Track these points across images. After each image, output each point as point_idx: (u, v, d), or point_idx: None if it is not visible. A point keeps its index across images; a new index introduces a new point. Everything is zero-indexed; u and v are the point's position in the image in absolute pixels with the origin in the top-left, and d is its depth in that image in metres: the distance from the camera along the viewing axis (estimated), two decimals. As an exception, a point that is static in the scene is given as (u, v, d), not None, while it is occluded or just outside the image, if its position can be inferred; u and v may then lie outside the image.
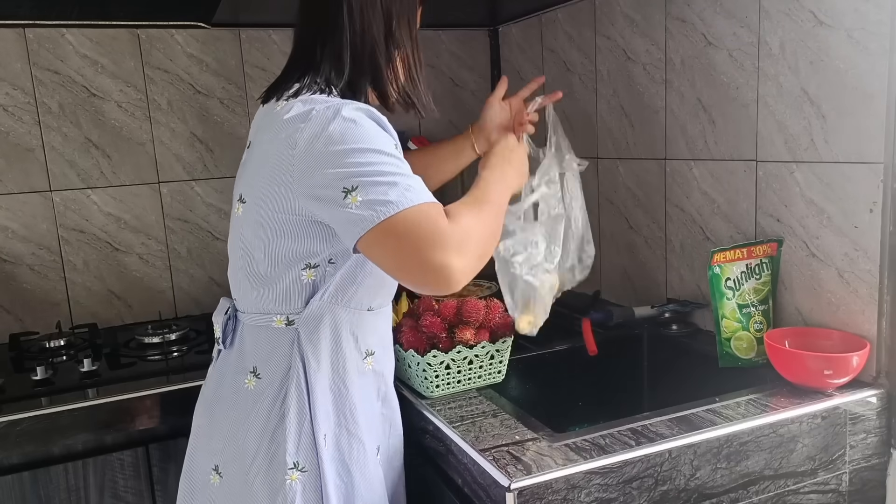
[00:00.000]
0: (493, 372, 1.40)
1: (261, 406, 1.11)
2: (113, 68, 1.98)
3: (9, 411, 1.42)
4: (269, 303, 1.12)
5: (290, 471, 1.09)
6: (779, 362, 1.29)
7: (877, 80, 1.21)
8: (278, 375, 1.11)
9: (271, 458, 1.10)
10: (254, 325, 1.14)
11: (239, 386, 1.14)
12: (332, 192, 0.98)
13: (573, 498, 1.05)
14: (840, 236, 1.31)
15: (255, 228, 1.09)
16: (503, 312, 1.42)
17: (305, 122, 1.01)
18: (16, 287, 1.95)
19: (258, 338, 1.14)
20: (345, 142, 0.98)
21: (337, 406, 1.14)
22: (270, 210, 1.05)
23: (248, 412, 1.11)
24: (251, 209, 1.09)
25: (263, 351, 1.12)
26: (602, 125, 1.94)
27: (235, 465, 1.12)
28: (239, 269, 1.15)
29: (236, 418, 1.13)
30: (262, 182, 1.06)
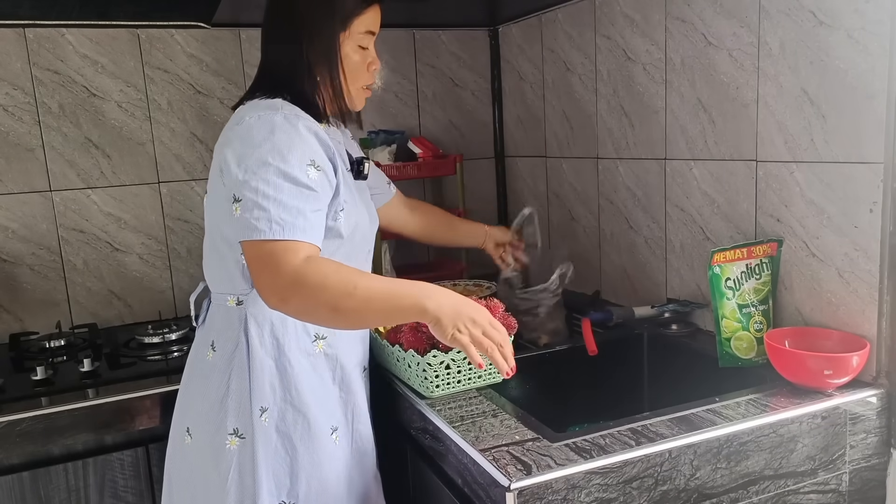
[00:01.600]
0: (493, 372, 1.40)
1: (214, 376, 1.24)
2: (113, 68, 1.98)
3: (9, 411, 1.42)
4: (224, 284, 1.27)
5: (230, 436, 1.21)
6: (779, 362, 1.29)
7: (877, 80, 1.21)
8: (228, 349, 1.24)
9: (218, 423, 1.23)
10: (216, 303, 1.30)
11: (203, 357, 1.28)
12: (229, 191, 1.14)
13: (573, 498, 1.05)
14: (840, 236, 1.31)
15: (212, 214, 1.26)
16: (503, 312, 1.42)
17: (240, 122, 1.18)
18: (16, 287, 1.95)
19: (217, 315, 1.28)
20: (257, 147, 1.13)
21: (283, 382, 1.24)
22: (214, 197, 1.23)
23: (207, 381, 1.25)
24: (211, 198, 1.26)
25: (219, 327, 1.27)
26: (602, 125, 1.94)
27: (198, 428, 1.26)
28: (206, 250, 1.32)
29: (199, 386, 1.27)
30: (215, 175, 1.22)
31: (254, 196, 1.10)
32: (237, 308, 1.25)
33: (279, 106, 1.19)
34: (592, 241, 2.05)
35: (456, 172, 2.25)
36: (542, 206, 2.27)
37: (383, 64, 2.28)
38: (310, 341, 1.28)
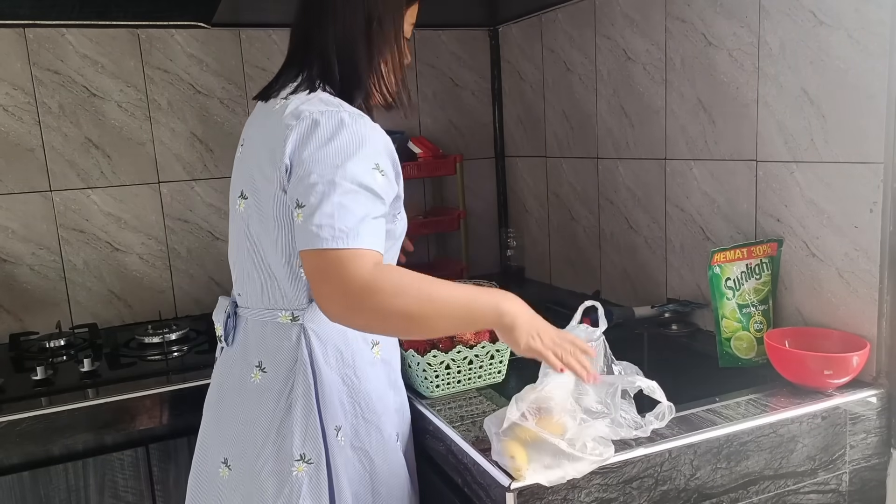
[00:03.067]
0: (493, 372, 1.40)
1: (267, 399, 1.13)
2: (113, 68, 1.98)
3: (9, 411, 1.42)
4: (274, 298, 1.14)
5: (297, 462, 1.11)
6: (779, 362, 1.29)
7: (877, 80, 1.21)
8: (284, 369, 1.13)
9: (278, 450, 1.11)
10: (258, 320, 1.17)
11: (245, 380, 1.16)
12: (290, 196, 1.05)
13: (573, 498, 1.05)
14: (840, 236, 1.31)
15: (258, 222, 1.12)
16: None
17: (298, 117, 1.06)
18: (16, 287, 1.95)
19: (263, 333, 1.16)
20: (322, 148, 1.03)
21: (352, 397, 1.16)
22: (270, 204, 1.09)
23: (255, 405, 1.14)
24: (254, 204, 1.12)
25: (269, 346, 1.15)
26: (602, 125, 1.94)
27: (244, 458, 1.14)
28: (244, 264, 1.18)
29: (243, 412, 1.15)
30: (262, 177, 1.10)
31: (318, 201, 1.01)
32: (292, 325, 1.14)
33: (337, 103, 1.10)
34: (592, 241, 2.05)
35: (456, 172, 2.25)
36: (542, 206, 2.27)
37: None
38: (369, 349, 1.20)
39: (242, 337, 1.19)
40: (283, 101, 1.10)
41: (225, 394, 1.20)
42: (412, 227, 2.21)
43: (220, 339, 1.23)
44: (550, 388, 1.05)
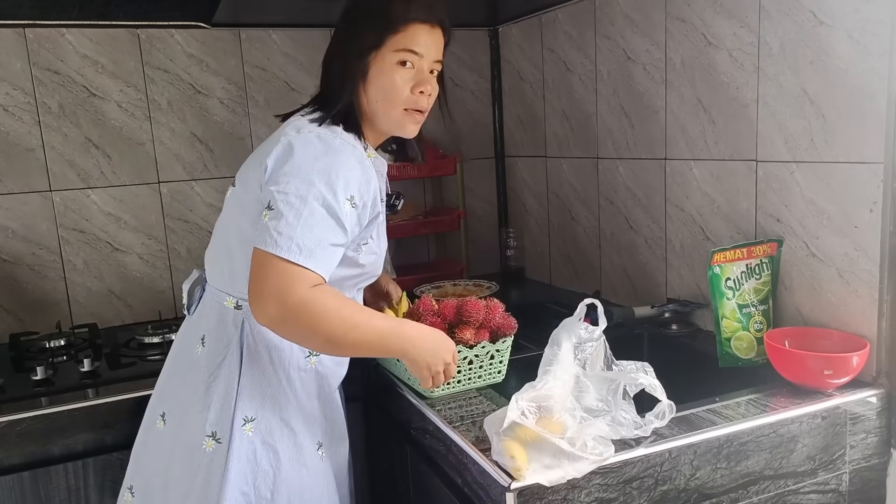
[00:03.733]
0: (493, 372, 1.40)
1: (198, 373, 1.22)
2: (113, 68, 1.98)
3: (9, 411, 1.42)
4: (225, 282, 1.25)
5: (208, 438, 1.19)
6: (779, 362, 1.29)
7: (877, 80, 1.21)
8: (218, 350, 1.22)
9: (195, 421, 1.20)
10: (212, 298, 1.27)
11: (190, 349, 1.26)
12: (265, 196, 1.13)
13: (573, 498, 1.05)
14: (840, 236, 1.31)
15: (236, 209, 1.23)
16: (503, 312, 1.42)
17: (300, 130, 1.17)
18: (16, 287, 1.94)
19: (211, 311, 1.26)
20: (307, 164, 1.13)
21: (273, 395, 1.22)
22: (244, 193, 1.20)
23: (189, 375, 1.24)
24: (239, 192, 1.23)
25: (212, 325, 1.24)
26: (602, 125, 1.94)
27: (173, 418, 1.25)
28: (215, 244, 1.29)
29: (181, 377, 1.26)
30: (249, 170, 1.22)
31: (286, 210, 1.09)
32: (234, 311, 1.23)
33: (339, 132, 1.19)
34: (592, 241, 2.05)
35: (456, 172, 2.25)
36: (542, 207, 2.27)
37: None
38: (303, 357, 1.25)
39: (200, 309, 1.29)
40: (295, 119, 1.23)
41: (176, 356, 1.31)
42: (412, 226, 2.22)
43: (186, 307, 1.32)
44: (550, 387, 1.05)
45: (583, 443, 1.02)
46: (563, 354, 1.11)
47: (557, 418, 1.03)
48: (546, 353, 1.14)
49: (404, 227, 2.19)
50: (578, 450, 1.01)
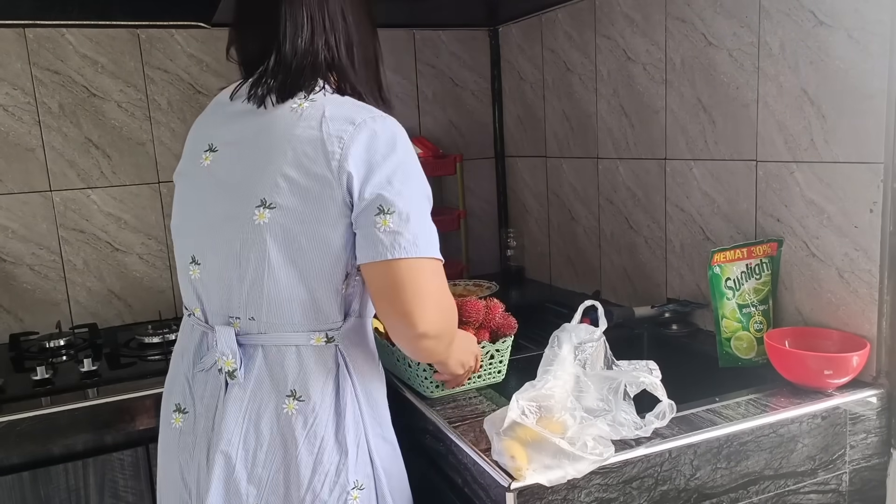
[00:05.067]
0: (493, 372, 1.40)
1: (310, 429, 1.04)
2: (113, 68, 1.98)
3: (9, 411, 1.42)
4: (305, 319, 1.05)
5: (352, 490, 1.06)
6: (779, 362, 1.29)
7: (877, 80, 1.21)
8: (327, 395, 1.06)
9: (331, 480, 1.05)
10: (281, 345, 1.06)
11: (275, 414, 1.05)
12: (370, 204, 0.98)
13: (573, 498, 1.05)
14: (840, 236, 1.31)
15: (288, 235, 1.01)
16: (503, 312, 1.41)
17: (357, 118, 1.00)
18: (16, 287, 1.95)
19: (290, 359, 1.05)
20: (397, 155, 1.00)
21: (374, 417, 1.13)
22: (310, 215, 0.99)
23: (294, 439, 1.04)
24: (284, 213, 1.00)
25: (303, 371, 1.05)
26: (602, 125, 1.94)
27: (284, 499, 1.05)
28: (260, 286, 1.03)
29: (278, 449, 1.04)
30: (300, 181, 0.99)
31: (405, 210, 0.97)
32: (327, 346, 1.06)
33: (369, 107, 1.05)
34: (592, 241, 2.05)
35: (456, 172, 2.25)
36: (542, 207, 2.27)
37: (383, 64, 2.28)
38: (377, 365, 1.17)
39: (260, 366, 1.06)
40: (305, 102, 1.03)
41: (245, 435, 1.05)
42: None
43: (230, 374, 1.05)
44: (551, 386, 1.05)
45: (583, 443, 1.02)
46: (563, 354, 1.11)
47: (558, 418, 1.03)
48: (546, 353, 1.14)
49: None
50: (578, 450, 1.01)
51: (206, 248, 1.07)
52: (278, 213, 1.00)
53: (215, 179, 1.07)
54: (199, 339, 1.12)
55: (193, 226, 1.10)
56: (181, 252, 1.13)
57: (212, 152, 1.08)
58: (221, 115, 1.12)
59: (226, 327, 1.06)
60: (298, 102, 1.03)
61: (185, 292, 1.14)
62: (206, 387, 1.09)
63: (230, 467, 1.04)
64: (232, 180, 1.05)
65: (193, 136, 1.15)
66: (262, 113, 1.05)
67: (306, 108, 1.02)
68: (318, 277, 1.03)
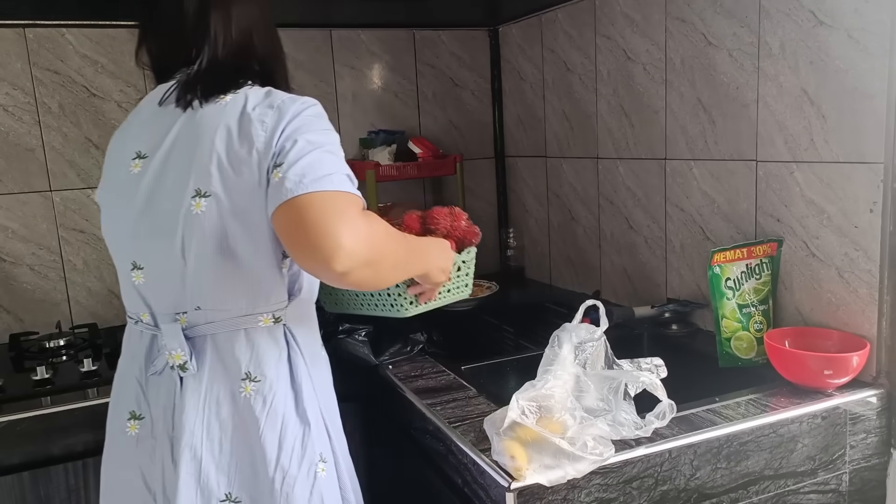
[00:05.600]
0: (460, 285, 1.33)
1: (270, 407, 1.05)
2: (113, 68, 1.98)
3: (9, 411, 1.42)
4: (252, 301, 1.06)
5: (319, 463, 1.08)
6: (779, 362, 1.29)
7: (877, 80, 1.21)
8: (281, 372, 1.07)
9: (297, 455, 1.06)
10: (231, 330, 1.06)
11: (232, 399, 1.06)
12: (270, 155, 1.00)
13: (573, 498, 1.05)
14: (840, 236, 1.31)
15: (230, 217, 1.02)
16: (468, 220, 1.36)
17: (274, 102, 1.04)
18: (16, 287, 1.94)
19: (241, 342, 1.06)
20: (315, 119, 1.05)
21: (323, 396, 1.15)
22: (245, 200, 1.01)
23: (255, 419, 1.05)
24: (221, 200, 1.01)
25: (255, 352, 1.06)
26: (602, 125, 1.94)
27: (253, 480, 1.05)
28: (206, 275, 1.04)
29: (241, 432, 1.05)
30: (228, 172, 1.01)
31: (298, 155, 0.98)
32: (275, 326, 1.08)
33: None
34: (592, 241, 2.05)
35: (456, 172, 2.25)
36: (542, 206, 2.27)
37: (383, 64, 2.29)
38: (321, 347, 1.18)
39: (211, 355, 1.06)
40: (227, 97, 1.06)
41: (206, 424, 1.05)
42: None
43: (182, 368, 1.05)
44: (551, 386, 1.05)
45: (583, 443, 1.02)
46: (563, 354, 1.11)
47: (558, 418, 1.03)
48: (546, 352, 1.13)
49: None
50: (578, 450, 1.01)
51: (147, 251, 1.08)
52: (213, 201, 1.01)
53: (148, 184, 1.07)
54: (148, 343, 1.12)
55: (130, 233, 1.10)
56: (121, 261, 1.13)
57: (141, 159, 1.09)
58: (146, 122, 1.13)
59: (172, 324, 1.07)
60: (222, 97, 1.06)
61: (129, 299, 1.14)
62: (161, 389, 1.09)
63: (197, 460, 1.04)
64: (166, 181, 1.06)
65: (116, 149, 1.17)
66: (189, 114, 1.07)
67: (229, 101, 1.05)
68: (259, 260, 1.04)
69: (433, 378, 1.44)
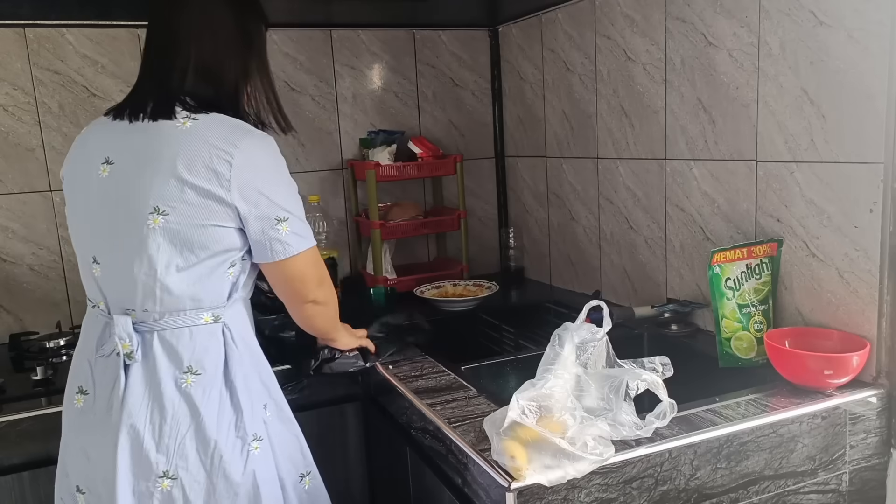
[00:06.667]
0: None
1: (208, 396, 1.17)
2: (113, 68, 1.98)
3: (9, 411, 1.42)
4: (195, 305, 1.19)
5: (252, 441, 1.20)
6: (779, 362, 1.29)
7: (877, 80, 1.21)
8: (219, 366, 1.19)
9: (233, 436, 1.19)
10: (175, 328, 1.18)
11: (175, 387, 1.17)
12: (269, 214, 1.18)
13: (573, 498, 1.05)
14: (840, 236, 1.31)
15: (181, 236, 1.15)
16: None
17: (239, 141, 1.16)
18: (16, 287, 1.94)
19: (184, 339, 1.18)
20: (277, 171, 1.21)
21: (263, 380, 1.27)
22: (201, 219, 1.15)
23: (196, 406, 1.16)
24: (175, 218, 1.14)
25: (197, 348, 1.18)
26: (602, 125, 1.94)
27: (193, 459, 1.16)
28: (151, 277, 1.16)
29: (183, 417, 1.16)
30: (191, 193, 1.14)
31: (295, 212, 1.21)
32: (214, 325, 1.20)
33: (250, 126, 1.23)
34: (592, 241, 2.05)
35: (456, 172, 2.25)
36: (542, 207, 2.27)
37: (383, 64, 2.29)
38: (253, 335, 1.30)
39: (157, 349, 1.17)
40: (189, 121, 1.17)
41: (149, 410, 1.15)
42: (412, 227, 2.22)
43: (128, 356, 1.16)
44: (551, 386, 1.05)
45: (583, 443, 1.02)
46: (564, 354, 1.11)
47: (558, 418, 1.03)
48: (547, 352, 1.13)
49: (404, 227, 2.19)
50: (579, 450, 1.01)
51: (105, 249, 1.20)
52: (171, 219, 1.14)
53: (112, 190, 1.18)
54: (101, 328, 1.22)
55: (91, 231, 1.23)
56: (82, 254, 1.25)
57: (109, 164, 1.19)
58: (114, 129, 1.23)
59: (123, 316, 1.18)
60: (182, 121, 1.17)
61: (89, 287, 1.26)
62: (106, 371, 1.19)
63: (139, 440, 1.15)
64: (128, 191, 1.17)
65: (87, 147, 1.25)
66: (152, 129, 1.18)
67: (189, 128, 1.16)
68: (208, 271, 1.18)
69: (433, 378, 1.44)
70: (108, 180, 1.18)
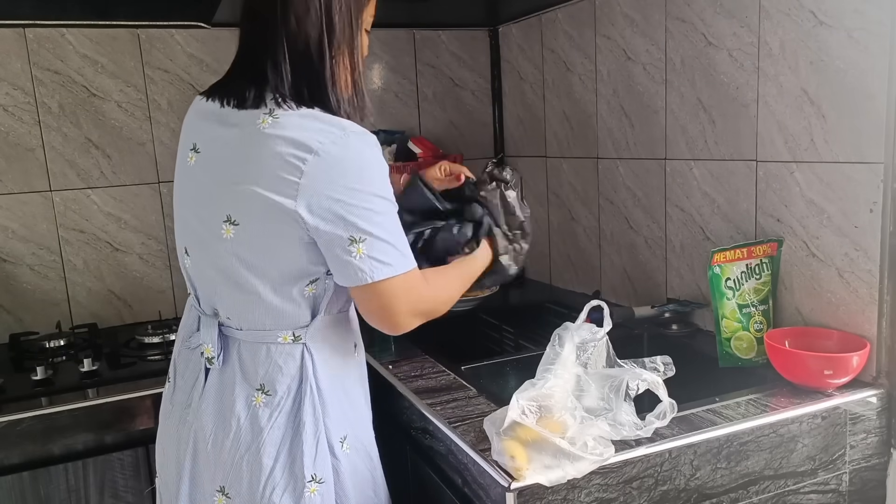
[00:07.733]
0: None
1: (274, 422, 1.09)
2: (113, 68, 1.98)
3: (9, 411, 1.42)
4: (272, 320, 1.10)
5: (309, 483, 1.09)
6: (779, 362, 1.29)
7: (877, 80, 1.21)
8: (291, 390, 1.10)
9: (288, 472, 1.09)
10: (254, 342, 1.11)
11: (245, 404, 1.10)
12: (340, 233, 1.01)
13: (573, 498, 1.05)
14: (840, 236, 1.31)
15: (254, 250, 1.05)
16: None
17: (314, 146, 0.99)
18: (16, 287, 1.94)
19: (261, 355, 1.11)
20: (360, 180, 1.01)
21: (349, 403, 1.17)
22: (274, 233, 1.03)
23: (260, 429, 1.09)
24: (246, 231, 1.04)
25: (271, 367, 1.10)
26: (602, 125, 1.94)
27: (246, 484, 1.09)
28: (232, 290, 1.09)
29: (245, 436, 1.09)
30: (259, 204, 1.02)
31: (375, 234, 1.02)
32: (294, 344, 1.11)
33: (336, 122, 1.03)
34: (592, 241, 2.05)
35: (456, 172, 2.24)
36: (542, 206, 2.27)
37: (383, 64, 2.29)
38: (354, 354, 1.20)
39: (236, 359, 1.12)
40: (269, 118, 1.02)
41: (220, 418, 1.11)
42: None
43: (211, 360, 1.12)
44: (551, 385, 1.05)
45: (583, 443, 1.02)
46: (564, 354, 1.11)
47: (558, 418, 1.03)
48: (547, 351, 1.13)
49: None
50: (579, 450, 1.01)
51: (194, 244, 1.14)
52: (242, 231, 1.04)
53: (197, 182, 1.11)
54: (194, 319, 1.19)
55: (183, 221, 1.17)
56: (178, 241, 1.19)
57: (195, 153, 1.11)
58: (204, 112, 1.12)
59: (212, 318, 1.13)
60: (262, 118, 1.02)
61: (185, 277, 1.21)
62: (189, 365, 1.17)
63: (204, 448, 1.11)
64: (208, 189, 1.08)
65: (185, 128, 1.18)
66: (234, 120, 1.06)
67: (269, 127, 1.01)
68: (281, 287, 1.08)
69: (433, 378, 1.44)
70: (195, 170, 1.10)
